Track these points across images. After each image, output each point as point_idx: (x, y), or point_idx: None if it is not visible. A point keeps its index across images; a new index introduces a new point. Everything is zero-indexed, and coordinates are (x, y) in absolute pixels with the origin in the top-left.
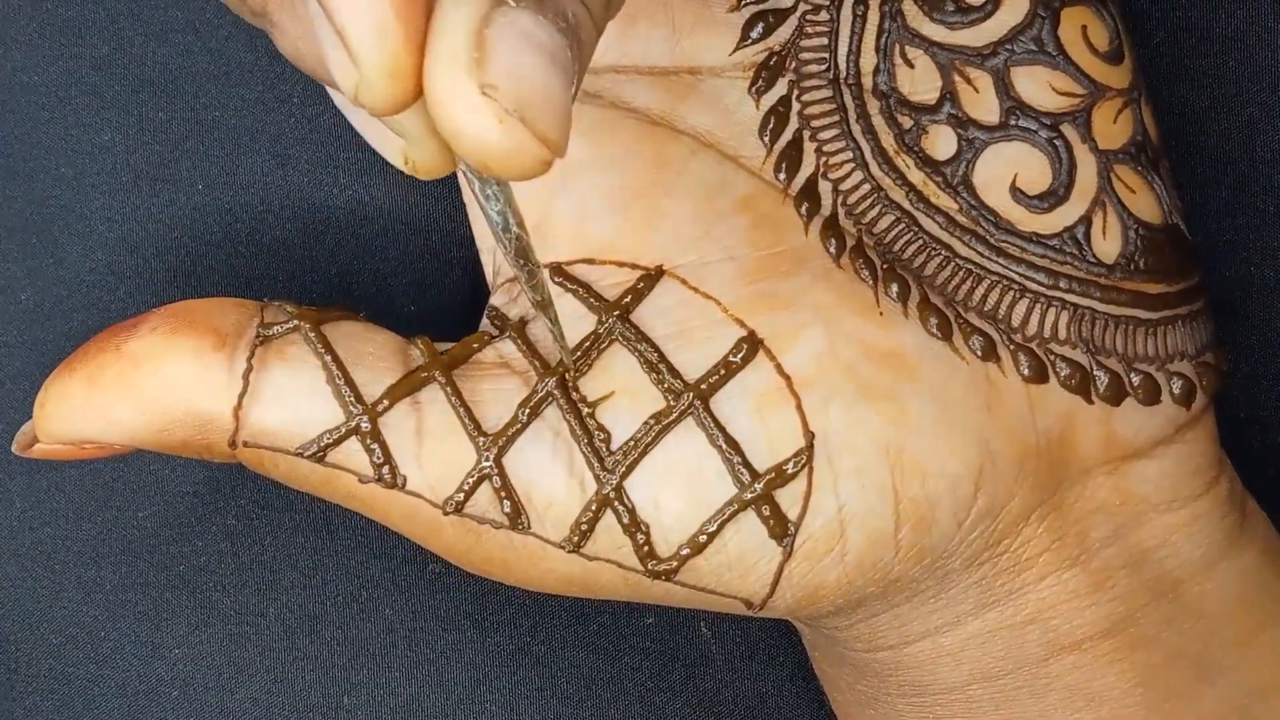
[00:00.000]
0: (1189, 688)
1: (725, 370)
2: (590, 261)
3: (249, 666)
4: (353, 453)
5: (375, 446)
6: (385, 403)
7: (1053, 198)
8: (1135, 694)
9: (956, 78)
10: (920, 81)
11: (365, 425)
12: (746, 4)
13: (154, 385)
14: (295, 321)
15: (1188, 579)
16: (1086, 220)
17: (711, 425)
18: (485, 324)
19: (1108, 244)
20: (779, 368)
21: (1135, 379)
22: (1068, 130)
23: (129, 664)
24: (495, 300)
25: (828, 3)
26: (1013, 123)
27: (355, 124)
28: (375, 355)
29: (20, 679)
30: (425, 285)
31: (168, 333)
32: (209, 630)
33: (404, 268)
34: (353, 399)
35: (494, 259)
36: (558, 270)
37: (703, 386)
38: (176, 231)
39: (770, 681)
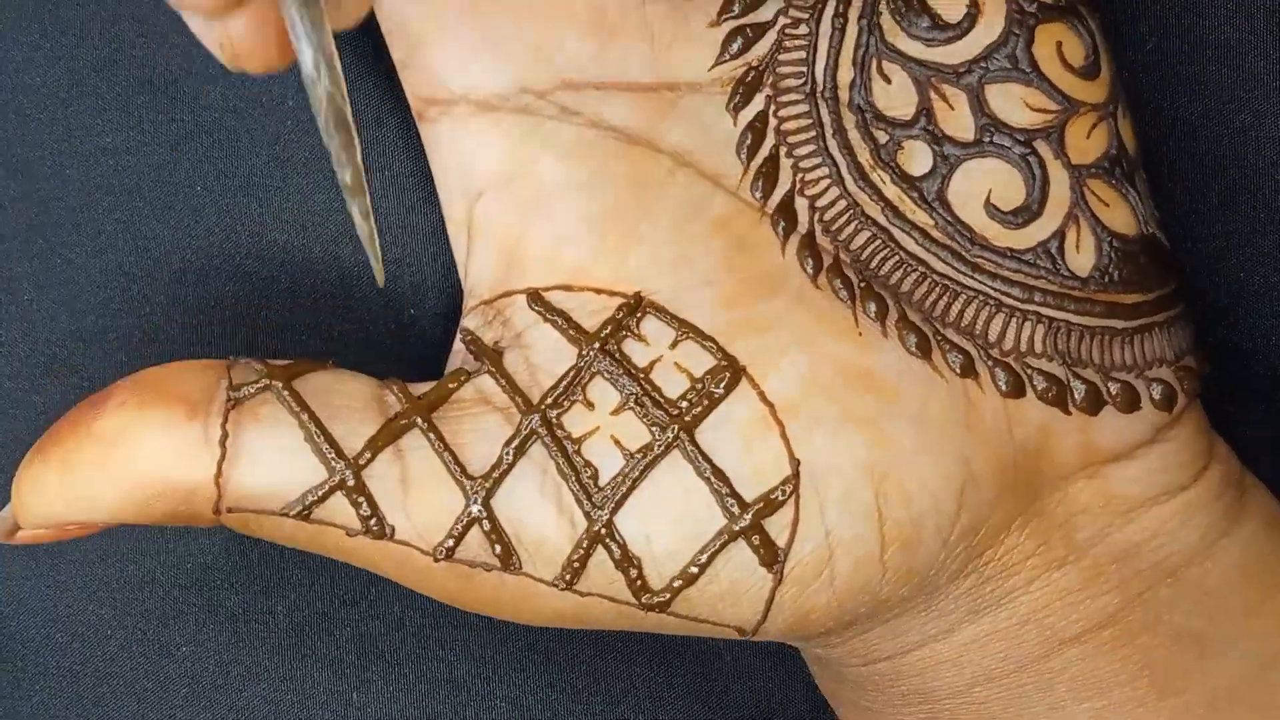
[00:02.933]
0: (1196, 664)
1: (709, 401)
2: (567, 288)
3: (258, 664)
4: (338, 508)
5: (361, 499)
6: (367, 455)
7: (1027, 213)
8: (1142, 676)
9: (933, 94)
10: (897, 97)
11: (349, 480)
12: (726, 19)
13: (130, 463)
14: (265, 380)
15: (1186, 563)
16: (1060, 235)
17: (698, 457)
18: (458, 346)
19: (1081, 258)
20: (762, 396)
21: (1113, 388)
22: (1041, 146)
23: (136, 662)
24: (468, 323)
25: (807, 16)
26: (987, 140)
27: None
28: (351, 407)
29: (27, 677)
30: (424, 288)
31: (136, 407)
32: (217, 628)
33: (404, 270)
34: (334, 455)
35: (467, 278)
36: (535, 298)
37: (687, 418)
38: (179, 232)
39: (777, 678)
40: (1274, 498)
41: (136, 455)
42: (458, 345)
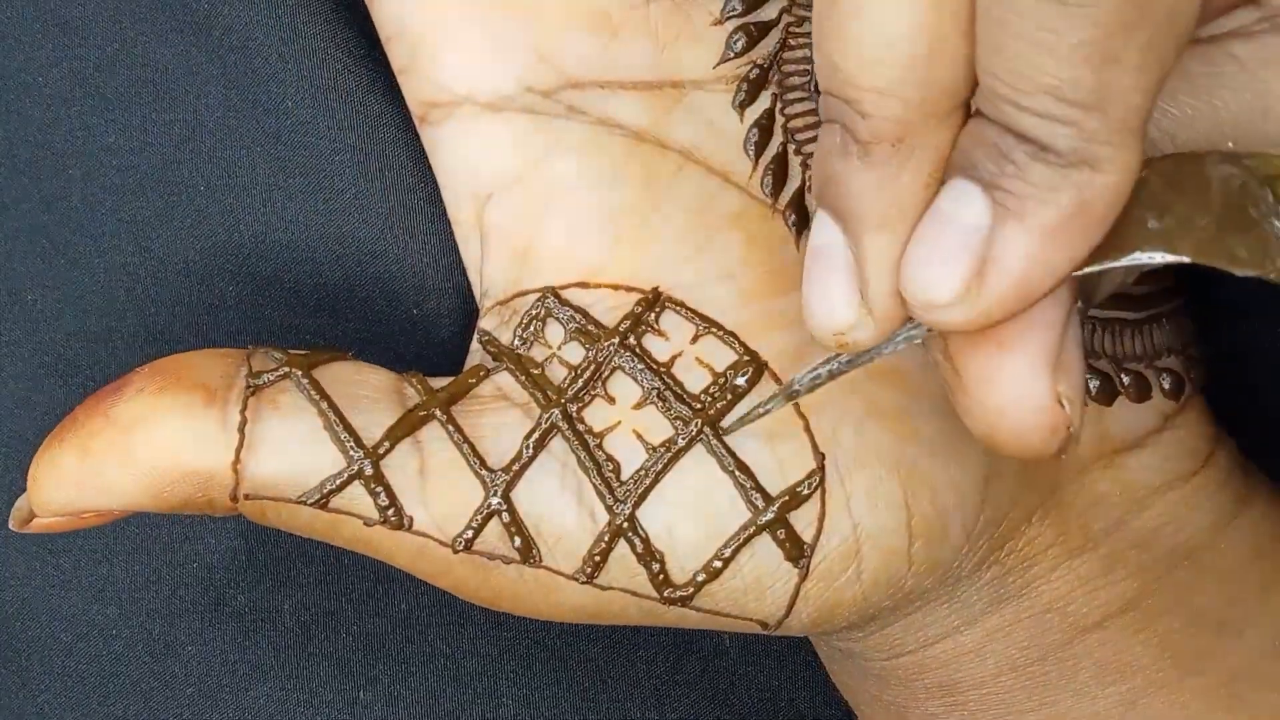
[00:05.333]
0: (1215, 644)
1: (732, 395)
2: (584, 285)
3: (264, 663)
4: (356, 497)
5: (379, 489)
6: (386, 445)
7: None
8: (1164, 659)
9: None
10: None
11: (368, 469)
12: (729, 17)
13: (148, 448)
14: (285, 369)
15: (1201, 545)
16: None
17: (722, 451)
18: (475, 348)
19: None
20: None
21: (1125, 378)
22: None
23: (142, 661)
24: (485, 324)
25: (810, 14)
26: None
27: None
28: (370, 397)
29: (33, 678)
30: (427, 289)
31: (155, 393)
32: (223, 627)
33: (406, 271)
34: (352, 444)
35: (480, 280)
36: (552, 295)
37: (710, 412)
38: (183, 232)
39: (784, 675)
40: (1274, 484)
41: (154, 441)
42: (475, 347)
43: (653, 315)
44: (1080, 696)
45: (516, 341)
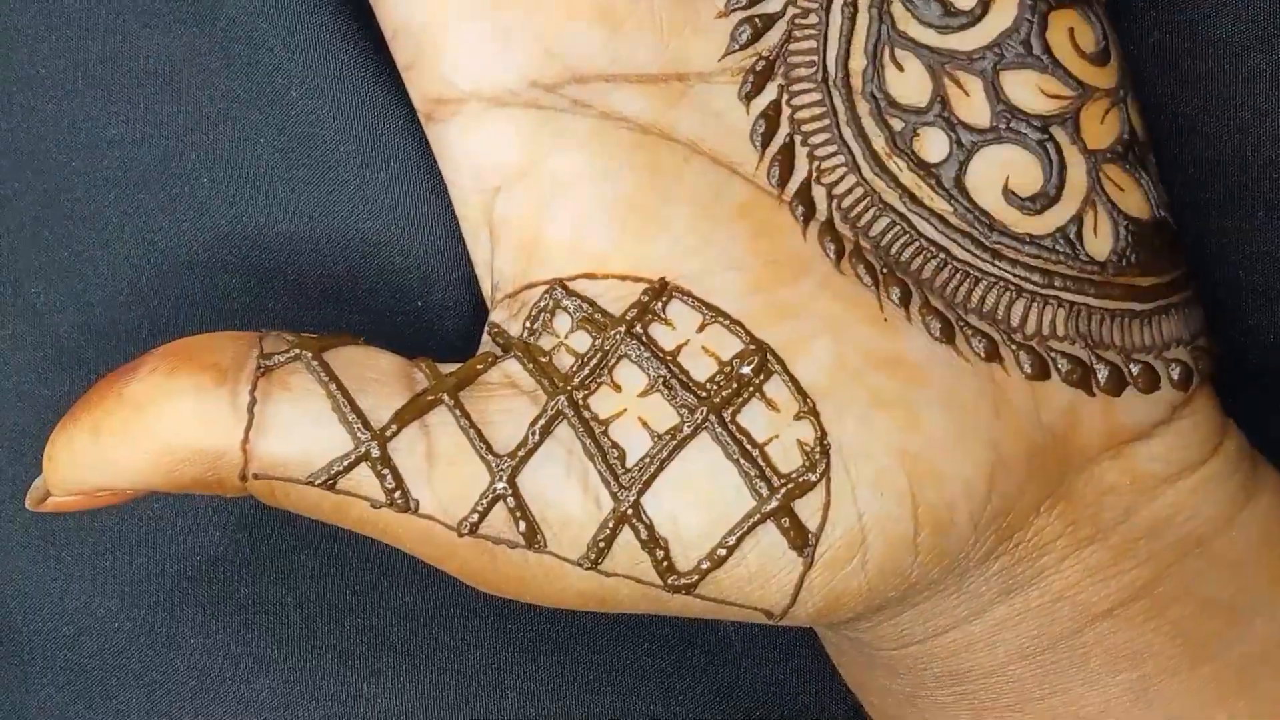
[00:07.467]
0: (1226, 631)
1: (738, 383)
2: (591, 276)
3: (267, 655)
4: (363, 479)
5: (386, 472)
6: (394, 428)
7: (1044, 199)
8: (1174, 646)
9: (947, 81)
10: (910, 84)
11: (375, 451)
12: (734, 9)
13: (159, 427)
14: (296, 350)
15: (1211, 534)
16: (1078, 219)
17: (727, 439)
18: (485, 340)
19: (1099, 242)
20: (791, 379)
21: (1134, 369)
22: (1057, 132)
23: (145, 654)
24: (495, 317)
25: (816, 6)
26: (1003, 126)
27: None
28: (379, 380)
29: (34, 671)
30: (432, 280)
31: (167, 373)
32: (226, 620)
33: (411, 263)
34: (360, 425)
35: (491, 274)
36: (560, 286)
37: (715, 401)
38: (186, 225)
39: (790, 668)
40: None
41: (165, 420)
42: (485, 339)
43: (659, 304)
44: (1091, 684)
45: (525, 333)
